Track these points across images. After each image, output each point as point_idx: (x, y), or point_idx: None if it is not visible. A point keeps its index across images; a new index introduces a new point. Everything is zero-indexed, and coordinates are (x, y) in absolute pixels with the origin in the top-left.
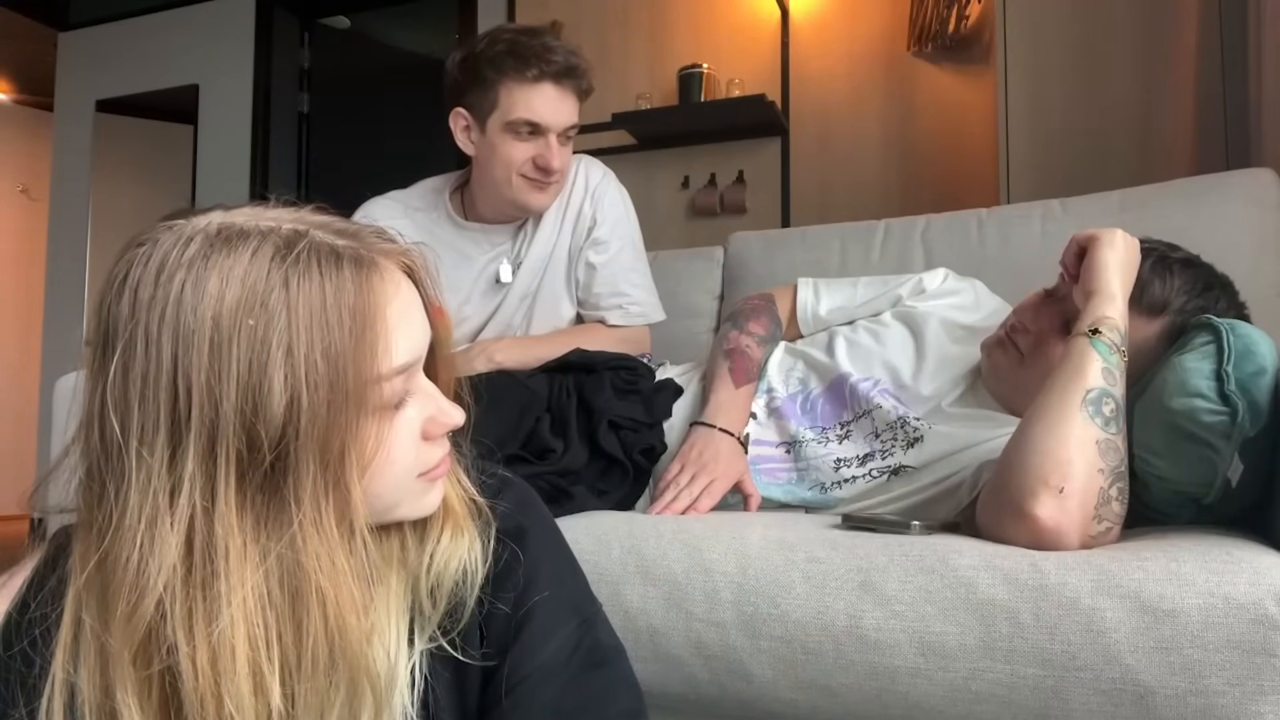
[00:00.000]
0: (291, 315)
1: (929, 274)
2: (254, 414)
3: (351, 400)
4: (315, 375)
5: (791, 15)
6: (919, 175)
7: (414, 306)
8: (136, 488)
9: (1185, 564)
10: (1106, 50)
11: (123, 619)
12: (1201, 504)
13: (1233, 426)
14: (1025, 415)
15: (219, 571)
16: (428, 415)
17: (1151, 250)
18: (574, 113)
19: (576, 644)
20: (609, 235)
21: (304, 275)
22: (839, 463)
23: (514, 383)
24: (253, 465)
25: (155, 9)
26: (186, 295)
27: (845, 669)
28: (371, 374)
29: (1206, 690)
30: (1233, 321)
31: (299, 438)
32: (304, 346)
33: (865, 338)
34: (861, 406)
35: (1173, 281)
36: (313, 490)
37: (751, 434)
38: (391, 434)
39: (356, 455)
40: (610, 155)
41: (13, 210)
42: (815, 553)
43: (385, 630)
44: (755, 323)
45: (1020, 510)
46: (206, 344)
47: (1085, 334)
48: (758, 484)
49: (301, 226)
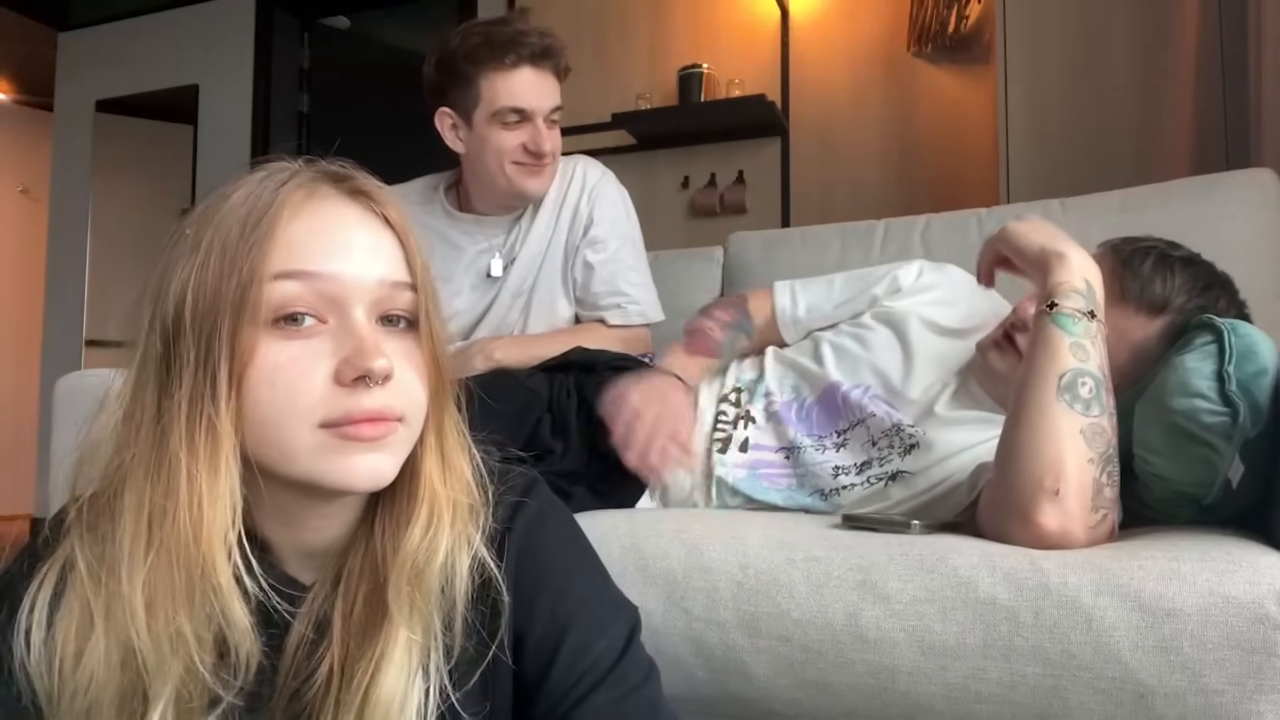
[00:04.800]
0: (217, 214)
1: (903, 269)
2: (162, 304)
3: (232, 299)
4: (206, 271)
5: (791, 15)
6: (919, 175)
7: (345, 227)
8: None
9: (1185, 563)
10: (1106, 50)
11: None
12: (1201, 504)
13: (1234, 427)
14: (1007, 416)
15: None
16: (342, 356)
17: (1152, 249)
18: (556, 93)
19: (625, 646)
20: (606, 234)
21: (244, 185)
22: (837, 470)
23: (514, 383)
24: (164, 361)
25: (155, 9)
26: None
27: (845, 668)
28: (254, 275)
29: (1206, 689)
30: (1234, 321)
31: (183, 326)
32: (206, 241)
33: (851, 343)
34: (855, 415)
35: (1173, 280)
36: (189, 383)
37: (750, 439)
38: (279, 355)
39: (231, 361)
40: (610, 155)
41: (13, 210)
42: (815, 552)
43: (397, 652)
44: (720, 310)
45: (1022, 518)
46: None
47: (1043, 311)
48: (757, 489)
49: (311, 159)
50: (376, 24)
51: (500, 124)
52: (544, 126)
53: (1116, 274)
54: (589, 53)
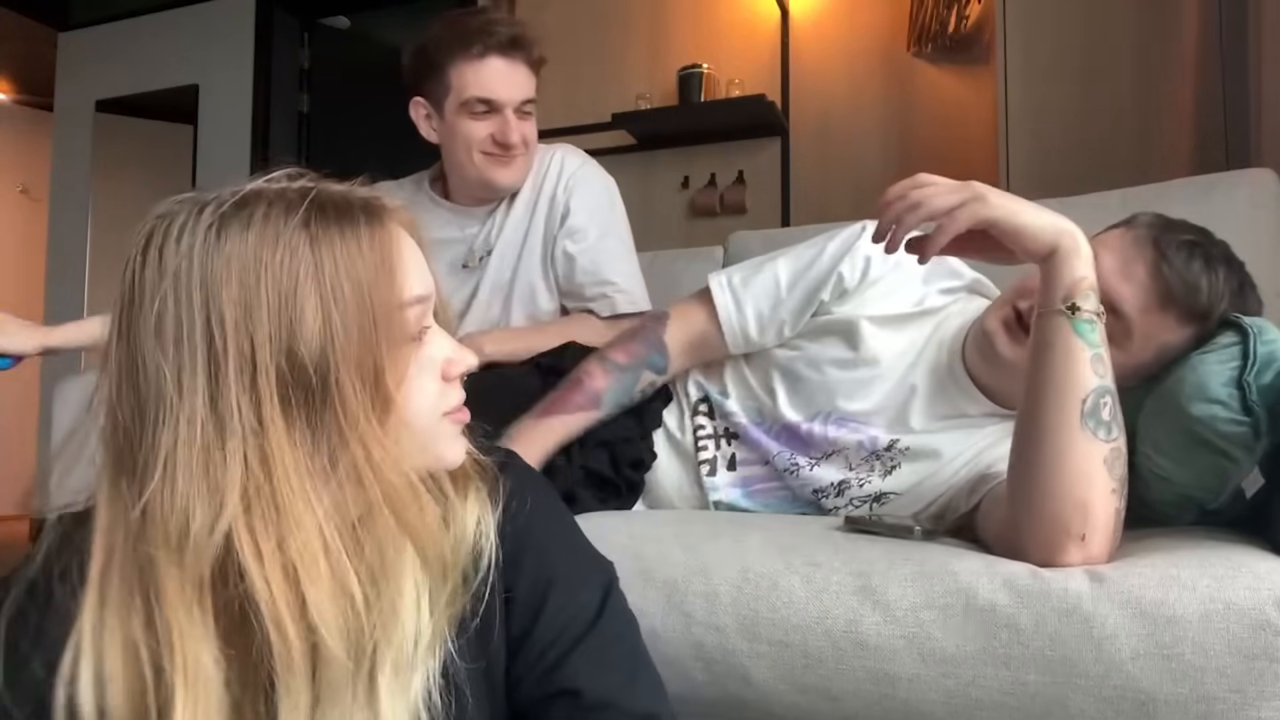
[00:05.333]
0: (315, 248)
1: (846, 261)
2: (291, 339)
3: (379, 323)
4: (344, 299)
5: (791, 15)
6: None
7: (418, 252)
8: (182, 428)
9: (1185, 569)
10: (1106, 50)
11: (199, 539)
12: (1205, 508)
13: (1255, 440)
14: (1022, 431)
15: (280, 490)
16: (445, 355)
17: (1195, 245)
18: (527, 85)
19: (604, 598)
20: (585, 223)
21: (320, 216)
22: (818, 493)
23: (507, 384)
24: (298, 387)
25: (155, 9)
26: (210, 246)
27: (845, 674)
28: (394, 300)
29: (1208, 696)
30: (1262, 323)
31: (337, 354)
32: (329, 274)
33: (803, 368)
34: (822, 448)
35: (1217, 285)
36: (361, 404)
37: (737, 455)
38: (416, 365)
39: (392, 378)
40: (610, 155)
41: (13, 210)
42: (815, 557)
43: (407, 596)
44: (619, 350)
45: (1047, 561)
46: (235, 284)
47: (1062, 312)
48: (751, 505)
49: (309, 185)
50: (376, 24)
51: (469, 114)
52: (514, 118)
53: (1158, 272)
54: (589, 53)
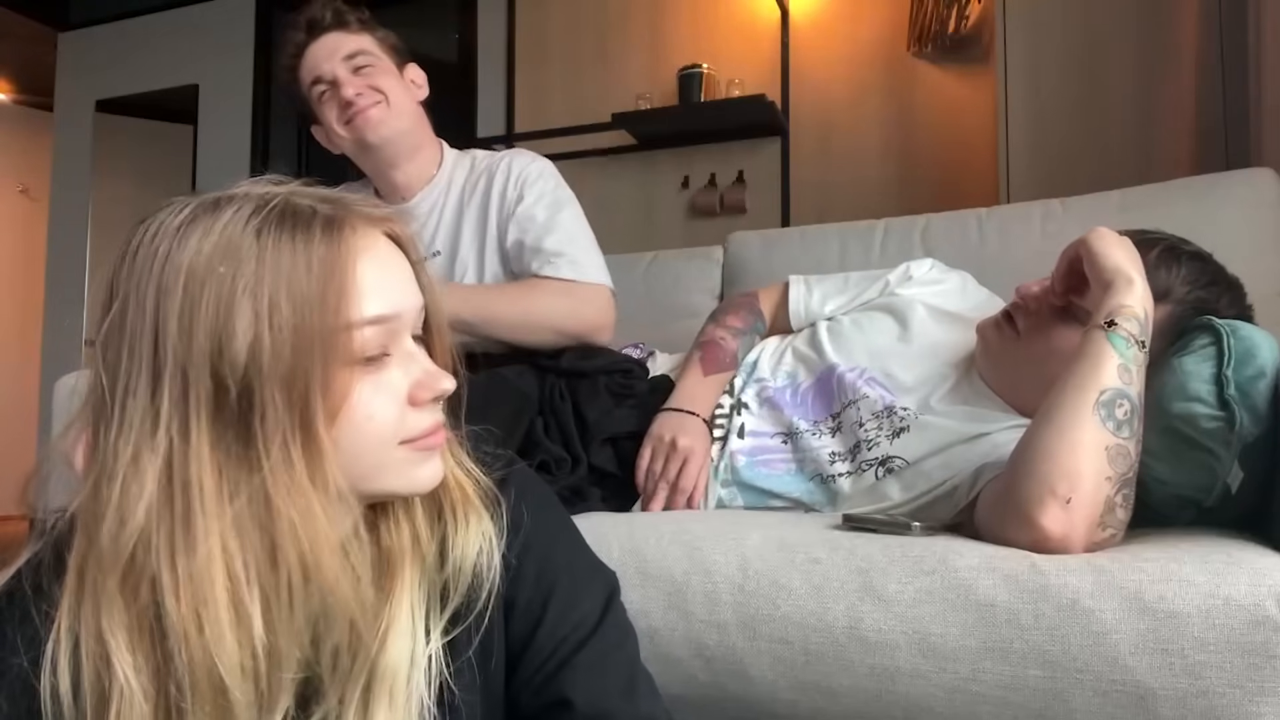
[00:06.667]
0: (259, 263)
1: (916, 262)
2: (219, 354)
3: (317, 345)
4: (279, 318)
5: (791, 15)
6: (919, 175)
7: (393, 266)
8: (125, 429)
9: (1185, 565)
10: (1106, 50)
11: (107, 546)
12: (1202, 507)
13: (1231, 432)
14: (1036, 414)
15: (193, 505)
16: (414, 379)
17: (1160, 239)
18: (346, 43)
19: (605, 608)
20: (533, 207)
21: (274, 227)
22: (833, 456)
23: (505, 384)
24: (221, 405)
25: (155, 9)
26: (171, 251)
27: (845, 670)
28: (339, 321)
29: (1208, 691)
30: (1234, 323)
31: (262, 376)
32: (269, 290)
33: (848, 327)
34: (848, 396)
35: (1178, 271)
36: (279, 432)
37: (747, 425)
38: (369, 390)
39: (325, 402)
40: (610, 155)
41: (13, 210)
42: (815, 554)
43: (402, 622)
44: (732, 316)
45: (1026, 518)
46: (180, 291)
47: (1101, 326)
48: (756, 477)
49: (284, 190)
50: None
51: (319, 103)
52: (346, 75)
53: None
54: (589, 53)
